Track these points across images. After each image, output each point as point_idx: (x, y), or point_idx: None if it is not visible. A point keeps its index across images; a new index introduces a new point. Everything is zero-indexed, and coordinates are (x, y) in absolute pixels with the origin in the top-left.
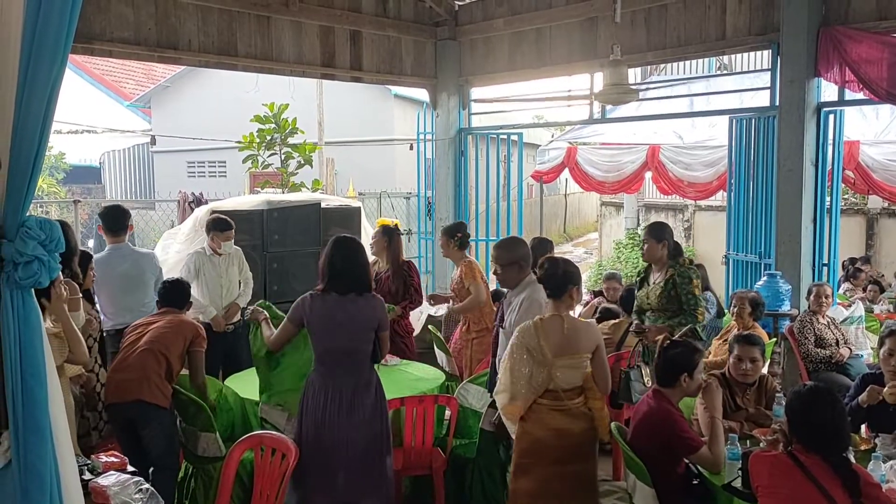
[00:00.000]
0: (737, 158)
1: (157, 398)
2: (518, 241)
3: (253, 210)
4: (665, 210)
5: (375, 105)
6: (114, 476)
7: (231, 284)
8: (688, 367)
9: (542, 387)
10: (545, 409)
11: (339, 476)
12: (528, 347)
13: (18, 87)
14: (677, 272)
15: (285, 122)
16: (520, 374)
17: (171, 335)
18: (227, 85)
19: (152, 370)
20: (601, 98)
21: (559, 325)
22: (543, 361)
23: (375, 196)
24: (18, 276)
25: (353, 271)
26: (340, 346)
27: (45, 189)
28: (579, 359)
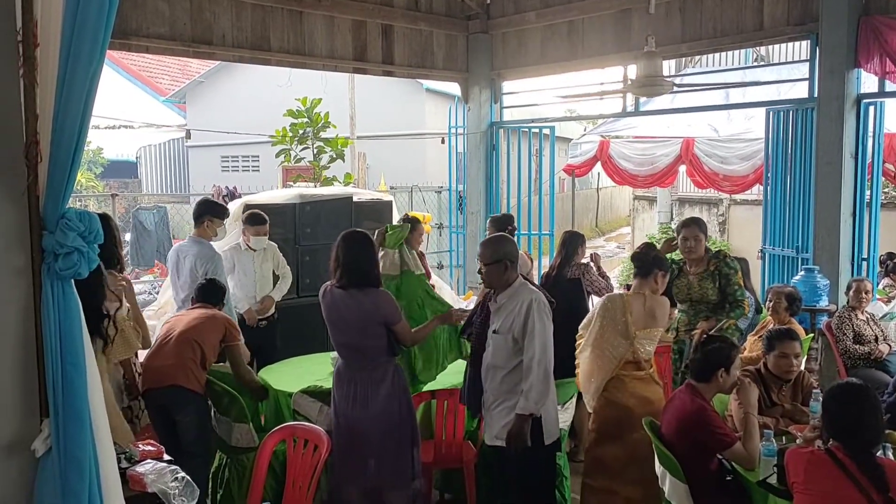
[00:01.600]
0: (774, 151)
1: (193, 384)
2: (504, 240)
3: (285, 204)
4: (699, 204)
5: (407, 99)
6: (150, 464)
7: (265, 279)
8: (724, 363)
9: (623, 357)
10: (628, 378)
11: (364, 465)
12: (613, 320)
13: (58, 83)
14: (722, 263)
15: (318, 116)
16: (604, 345)
17: (205, 325)
18: (260, 80)
19: (188, 357)
20: (635, 90)
21: (641, 302)
22: (626, 334)
23: (407, 190)
24: (59, 267)
25: (353, 266)
26: (348, 341)
27: (84, 183)
28: (657, 332)
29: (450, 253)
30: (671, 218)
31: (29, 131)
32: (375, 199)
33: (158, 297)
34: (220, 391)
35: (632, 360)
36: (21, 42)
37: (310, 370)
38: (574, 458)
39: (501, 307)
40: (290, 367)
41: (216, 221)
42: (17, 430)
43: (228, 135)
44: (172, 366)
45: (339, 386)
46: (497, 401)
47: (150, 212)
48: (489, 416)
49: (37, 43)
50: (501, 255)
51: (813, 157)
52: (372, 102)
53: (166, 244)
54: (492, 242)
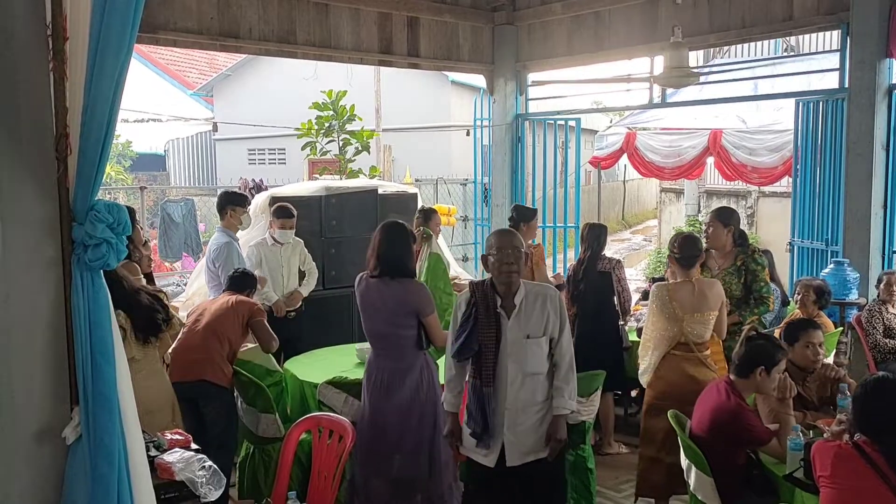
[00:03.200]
0: (803, 143)
1: (220, 378)
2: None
3: (311, 196)
4: (727, 196)
5: (432, 91)
6: (178, 453)
7: (291, 274)
8: (767, 362)
9: (674, 339)
10: (679, 358)
11: (387, 456)
12: (662, 306)
13: (87, 76)
14: (749, 259)
15: (343, 109)
16: (658, 327)
17: (228, 316)
18: (286, 73)
19: (215, 351)
20: (661, 82)
21: (690, 289)
22: (675, 317)
23: (432, 182)
24: (88, 258)
25: (390, 254)
26: (378, 330)
27: (113, 176)
28: (708, 316)
29: (475, 245)
30: (698, 210)
31: (59, 124)
32: (401, 192)
33: (186, 288)
34: (246, 382)
35: (682, 341)
36: (51, 36)
37: (335, 362)
38: (599, 452)
39: (520, 309)
40: (316, 359)
41: (238, 210)
42: (48, 418)
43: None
44: (201, 360)
45: (368, 376)
46: (529, 411)
47: (177, 204)
48: (513, 435)
49: (66, 37)
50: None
51: (843, 148)
52: (397, 95)
53: (194, 236)
54: (513, 233)
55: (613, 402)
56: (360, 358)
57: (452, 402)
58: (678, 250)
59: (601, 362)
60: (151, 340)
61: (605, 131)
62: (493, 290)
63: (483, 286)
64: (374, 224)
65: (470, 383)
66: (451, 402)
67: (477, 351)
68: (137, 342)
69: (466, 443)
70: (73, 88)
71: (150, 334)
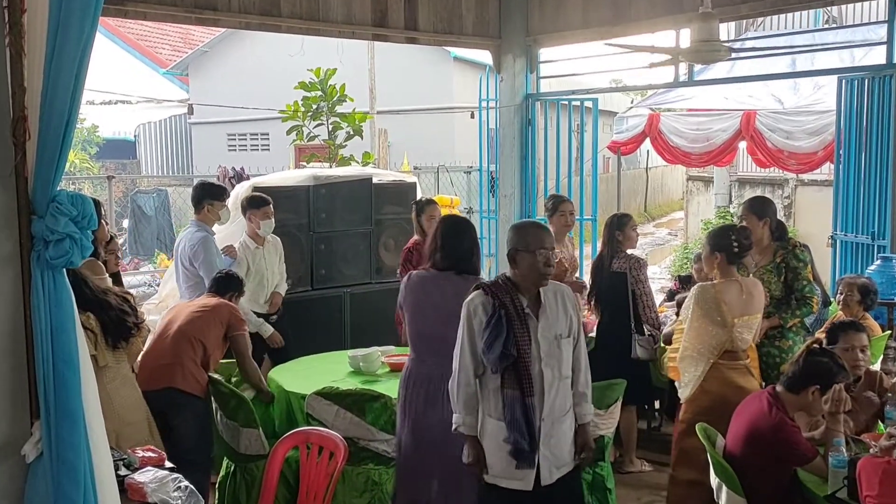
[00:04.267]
0: (847, 125)
1: (191, 386)
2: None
3: (298, 186)
4: (762, 185)
5: (433, 69)
6: (151, 472)
7: (274, 275)
8: (823, 382)
9: (722, 347)
10: (724, 368)
11: (429, 476)
12: (707, 309)
13: (47, 52)
14: (790, 255)
15: (333, 89)
16: (702, 335)
17: (204, 319)
18: (269, 49)
19: (187, 356)
20: (688, 57)
21: (737, 289)
22: (723, 323)
23: (433, 170)
24: (49, 255)
25: (456, 247)
26: (431, 331)
27: (78, 164)
28: (755, 319)
29: (480, 240)
30: (729, 201)
31: (16, 106)
32: (398, 181)
33: (159, 289)
34: (226, 393)
35: (730, 349)
36: (6, 8)
37: (325, 370)
38: (619, 470)
39: (545, 306)
40: (304, 367)
41: (216, 204)
42: (5, 433)
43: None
44: (169, 366)
45: (409, 384)
46: (563, 421)
47: (149, 195)
48: (547, 449)
49: (24, 9)
50: None
51: (891, 130)
52: (393, 73)
53: (167, 231)
54: (548, 228)
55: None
56: (353, 366)
57: (472, 425)
58: (737, 243)
59: (622, 371)
60: (122, 346)
61: (626, 113)
62: (515, 290)
63: (502, 286)
64: (369, 216)
65: (504, 395)
66: (470, 425)
67: (511, 360)
68: (108, 347)
69: (495, 468)
70: (31, 66)
71: (120, 339)
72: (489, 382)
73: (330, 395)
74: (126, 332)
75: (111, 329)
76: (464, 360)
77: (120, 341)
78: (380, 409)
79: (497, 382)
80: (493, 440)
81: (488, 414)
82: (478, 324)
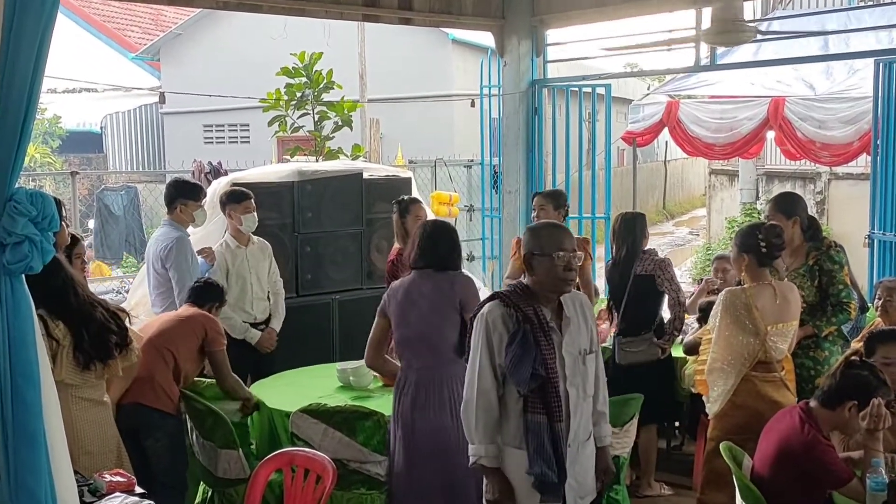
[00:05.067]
0: (885, 112)
1: (162, 403)
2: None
3: (281, 182)
4: (792, 179)
5: (429, 53)
6: (119, 498)
7: (261, 283)
8: (862, 398)
9: (754, 357)
10: (758, 380)
11: (426, 494)
12: (737, 317)
13: (3, 34)
14: (824, 256)
15: (319, 75)
16: (732, 345)
17: (179, 328)
18: (249, 32)
19: (157, 370)
20: (710, 39)
21: (771, 294)
22: (755, 331)
23: (429, 164)
24: (6, 260)
25: (434, 246)
26: (414, 332)
27: (38, 159)
28: (791, 326)
29: (482, 241)
30: (756, 197)
31: None
32: (391, 177)
33: (128, 296)
34: (201, 410)
35: (763, 360)
36: None
37: (311, 385)
38: (637, 493)
39: (568, 318)
40: (288, 382)
41: (191, 205)
42: None
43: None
44: (138, 381)
45: (400, 392)
46: (587, 445)
47: (117, 193)
48: (573, 478)
49: None
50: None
51: None
52: (386, 57)
53: (137, 232)
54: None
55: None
56: (342, 380)
57: (495, 455)
58: (764, 242)
59: (644, 385)
60: (94, 366)
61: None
62: (535, 300)
63: (521, 296)
64: (359, 215)
65: (527, 421)
66: (493, 456)
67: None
68: (75, 364)
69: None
70: None
71: (96, 358)
72: (509, 406)
73: (317, 413)
74: (105, 352)
75: (86, 345)
76: (483, 383)
77: (94, 360)
78: (372, 427)
79: (519, 406)
80: (512, 472)
81: (505, 442)
82: (498, 339)
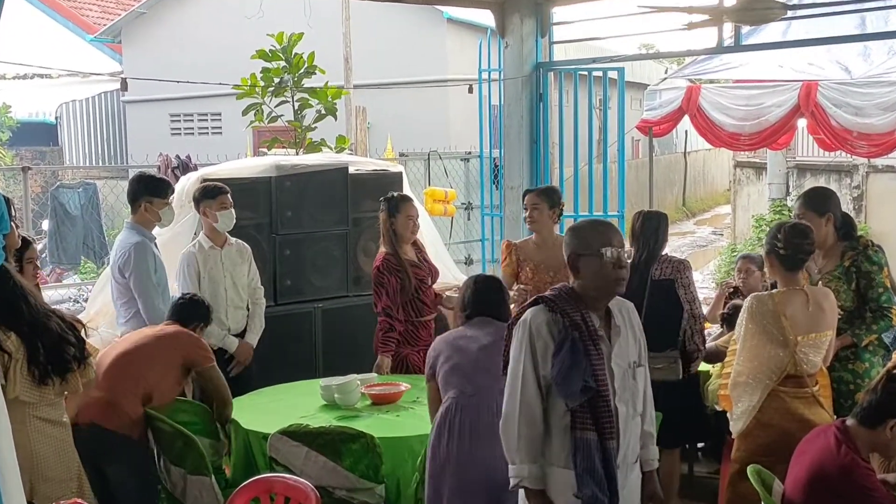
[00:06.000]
0: None
1: (124, 426)
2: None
3: (257, 178)
4: (825, 172)
5: (422, 33)
6: None
7: (238, 289)
8: None
9: (782, 370)
10: (788, 397)
11: None
12: (764, 326)
13: None
14: (861, 257)
15: (299, 58)
16: (758, 356)
17: (157, 346)
18: (221, 10)
19: (121, 389)
20: (735, 16)
21: (802, 301)
22: (784, 342)
23: (422, 157)
24: None
25: (489, 300)
26: (474, 363)
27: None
28: (824, 337)
29: (482, 243)
30: (786, 192)
31: None
32: (380, 171)
33: (87, 306)
34: (169, 432)
35: (793, 373)
36: None
37: (292, 403)
38: None
39: (617, 327)
40: (266, 400)
41: (157, 202)
42: None
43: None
44: (97, 400)
45: (451, 419)
46: (635, 467)
47: (74, 190)
48: (621, 497)
49: None
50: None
51: None
52: (373, 39)
53: (96, 234)
54: None
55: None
56: (327, 398)
57: (539, 476)
58: (782, 242)
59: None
60: (52, 381)
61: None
62: (583, 305)
63: (567, 300)
64: (345, 214)
65: (575, 438)
66: (537, 476)
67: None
68: (31, 379)
69: None
70: None
71: (52, 372)
72: (553, 422)
73: (298, 435)
74: (62, 365)
75: (41, 358)
76: (526, 395)
77: (51, 375)
78: (360, 450)
79: (565, 422)
80: (558, 494)
81: (549, 462)
82: (542, 347)
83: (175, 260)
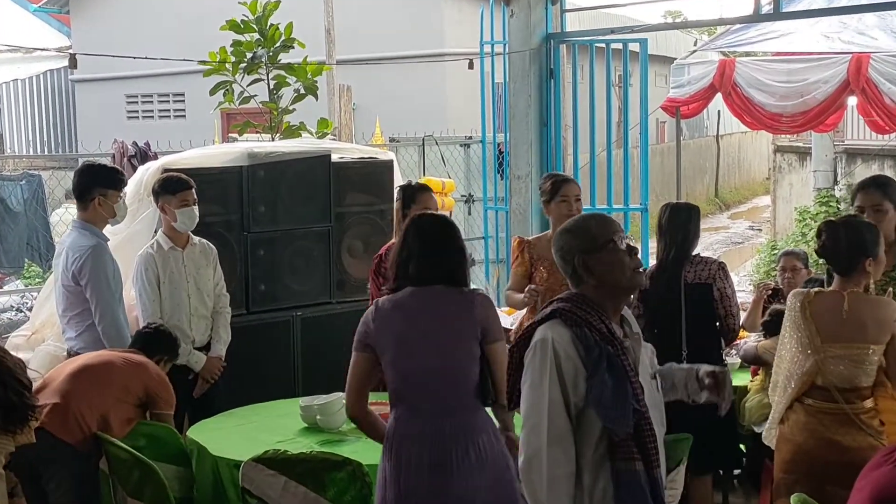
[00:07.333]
0: None
1: (70, 432)
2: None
3: (226, 168)
4: (879, 158)
5: (415, 2)
6: None
7: (202, 296)
8: None
9: (806, 378)
10: (812, 410)
11: None
12: (796, 325)
13: None
14: None
15: (275, 29)
16: (792, 357)
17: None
18: None
19: (77, 397)
20: None
21: (838, 304)
22: (809, 346)
23: (416, 143)
24: None
25: (439, 252)
26: (424, 366)
27: None
28: (862, 350)
29: (485, 240)
30: (834, 181)
31: None
32: (367, 159)
33: (31, 315)
34: (125, 459)
35: (821, 384)
36: None
37: (268, 426)
38: None
39: (637, 334)
40: (238, 422)
41: (111, 195)
42: None
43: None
44: (52, 407)
45: (397, 452)
46: (665, 494)
47: (16, 183)
48: None
49: None
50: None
51: None
52: (359, 7)
53: (42, 232)
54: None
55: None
56: (307, 420)
57: None
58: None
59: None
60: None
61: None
62: (602, 313)
63: (588, 310)
64: (326, 209)
65: (617, 471)
66: None
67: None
68: None
69: None
70: None
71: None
72: (585, 454)
73: (275, 462)
74: (22, 414)
75: None
76: (556, 428)
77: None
78: (345, 480)
79: (598, 454)
80: None
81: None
82: (571, 370)
83: (132, 263)
